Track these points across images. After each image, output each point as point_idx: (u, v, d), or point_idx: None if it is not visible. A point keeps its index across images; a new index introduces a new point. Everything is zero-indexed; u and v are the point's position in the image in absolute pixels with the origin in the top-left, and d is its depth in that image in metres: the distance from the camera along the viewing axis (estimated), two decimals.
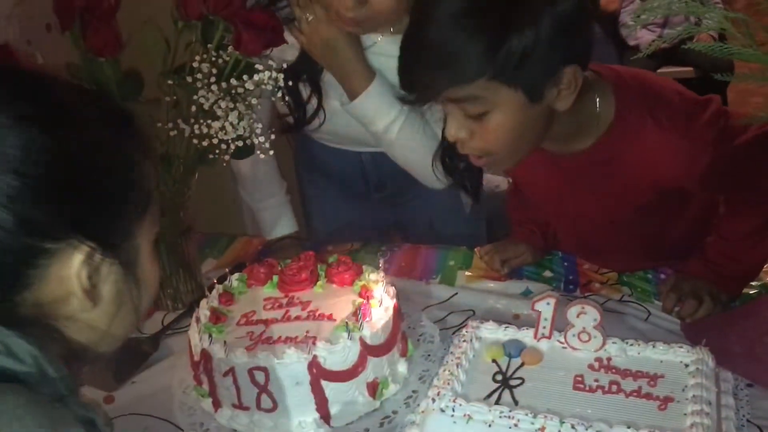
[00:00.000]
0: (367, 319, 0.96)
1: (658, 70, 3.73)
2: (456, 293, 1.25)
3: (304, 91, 1.32)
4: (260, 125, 1.03)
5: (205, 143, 1.02)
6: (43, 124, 0.60)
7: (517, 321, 1.14)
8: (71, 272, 0.61)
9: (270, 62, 1.06)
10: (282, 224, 1.45)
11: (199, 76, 1.01)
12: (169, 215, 1.20)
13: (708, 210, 1.24)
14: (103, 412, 0.66)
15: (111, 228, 0.65)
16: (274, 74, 1.04)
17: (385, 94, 1.24)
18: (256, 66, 1.02)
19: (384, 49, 1.25)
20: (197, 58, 1.02)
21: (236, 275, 1.12)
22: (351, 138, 1.37)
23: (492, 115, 0.98)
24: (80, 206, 0.62)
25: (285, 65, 1.18)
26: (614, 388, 0.90)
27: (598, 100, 1.07)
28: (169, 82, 1.03)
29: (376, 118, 1.27)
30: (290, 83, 1.19)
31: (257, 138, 1.03)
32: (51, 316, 0.62)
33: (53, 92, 0.64)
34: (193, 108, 1.03)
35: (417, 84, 1.00)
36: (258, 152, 1.04)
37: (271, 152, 1.07)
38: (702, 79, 3.70)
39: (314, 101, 1.33)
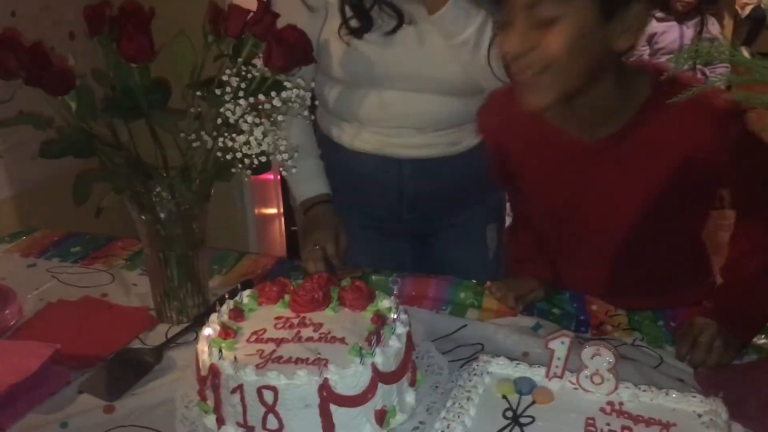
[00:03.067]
0: (381, 345, 0.95)
1: None
2: (465, 325, 1.24)
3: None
4: (284, 142, 1.03)
5: (228, 156, 1.01)
6: None
7: (526, 359, 1.12)
8: None
9: (299, 80, 1.06)
10: (314, 184, 1.44)
11: (228, 89, 1.01)
12: (183, 226, 1.20)
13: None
14: None
15: None
16: (302, 92, 1.04)
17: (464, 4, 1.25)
18: (285, 83, 1.02)
19: None
20: (227, 72, 1.02)
21: (247, 292, 1.10)
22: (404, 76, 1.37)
23: (561, 23, 1.00)
24: None
25: None
26: None
27: (633, 83, 1.11)
28: (198, 93, 1.03)
29: (460, 29, 1.28)
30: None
31: (281, 155, 1.03)
32: None
33: None
34: (219, 121, 1.02)
35: None
36: (280, 169, 1.04)
37: (312, 117, 1.06)
38: None
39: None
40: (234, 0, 1.27)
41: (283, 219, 2.98)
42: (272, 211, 2.93)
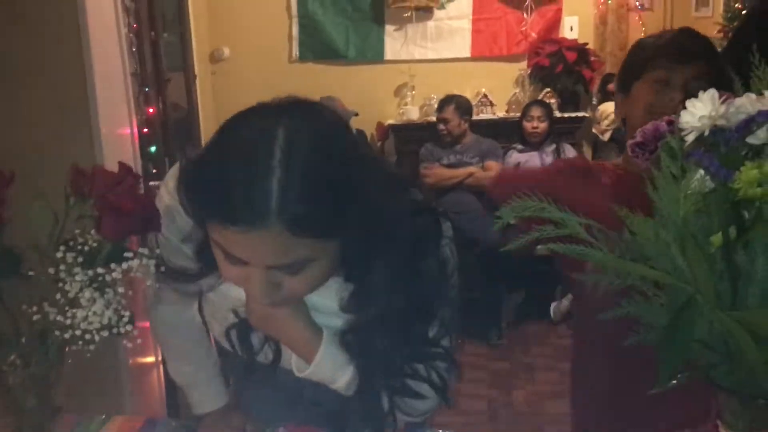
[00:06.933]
0: None
1: None
2: None
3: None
4: (127, 313, 1.01)
5: (66, 335, 0.98)
6: None
7: None
8: None
9: (142, 249, 1.05)
10: (213, 399, 1.43)
11: (62, 266, 0.99)
12: (37, 395, 1.12)
13: None
14: None
15: None
16: (146, 261, 1.03)
17: (338, 354, 1.17)
18: (125, 254, 1.01)
19: None
20: (62, 247, 1.00)
21: None
22: None
23: None
24: None
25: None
26: None
27: None
28: (30, 273, 1.00)
29: (335, 379, 1.19)
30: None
31: (124, 327, 1.01)
32: None
33: None
34: (59, 297, 1.00)
35: None
36: (124, 342, 1.01)
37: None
38: None
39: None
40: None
41: (161, 368, 2.85)
42: (150, 359, 2.81)
